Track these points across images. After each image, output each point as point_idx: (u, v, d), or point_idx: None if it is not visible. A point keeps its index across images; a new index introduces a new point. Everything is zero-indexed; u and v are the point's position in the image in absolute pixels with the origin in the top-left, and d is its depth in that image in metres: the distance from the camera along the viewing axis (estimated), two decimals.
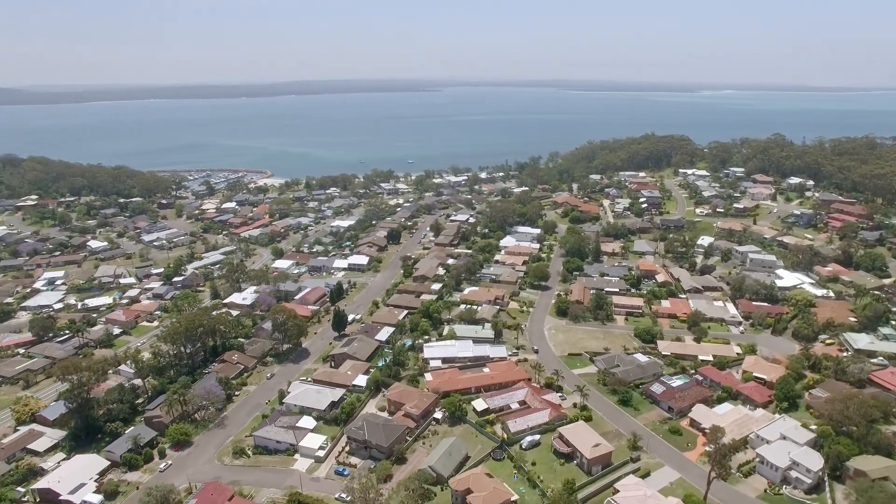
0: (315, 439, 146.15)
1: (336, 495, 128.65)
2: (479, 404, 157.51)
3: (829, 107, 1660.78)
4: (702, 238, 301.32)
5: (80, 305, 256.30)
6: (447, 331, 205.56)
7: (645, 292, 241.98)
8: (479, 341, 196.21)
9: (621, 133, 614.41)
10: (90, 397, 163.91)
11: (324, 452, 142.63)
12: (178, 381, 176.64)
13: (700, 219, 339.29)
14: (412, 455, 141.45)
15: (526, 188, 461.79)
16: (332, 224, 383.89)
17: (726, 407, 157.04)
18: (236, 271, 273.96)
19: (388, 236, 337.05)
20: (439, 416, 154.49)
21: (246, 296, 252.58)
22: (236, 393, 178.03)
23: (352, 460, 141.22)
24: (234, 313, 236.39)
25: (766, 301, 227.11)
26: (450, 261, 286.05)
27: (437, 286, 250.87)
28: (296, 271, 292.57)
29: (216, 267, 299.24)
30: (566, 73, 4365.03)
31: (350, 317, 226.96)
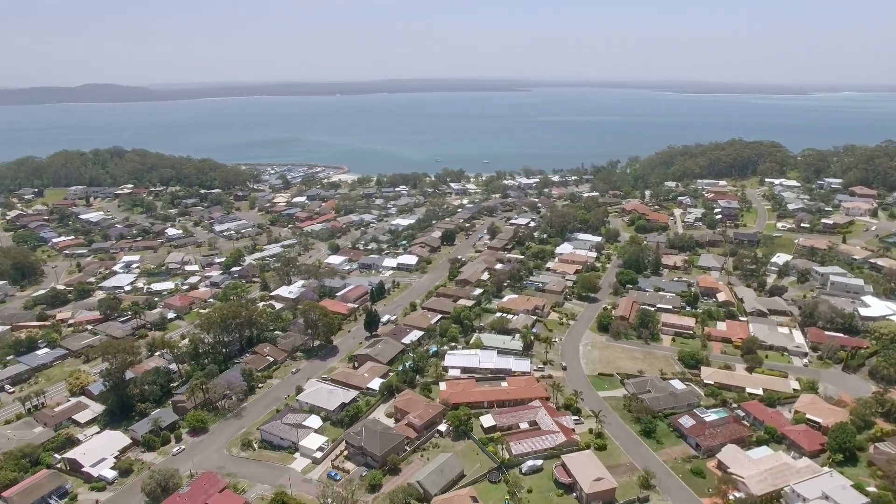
0: (316, 440, 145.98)
1: (321, 500, 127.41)
2: (486, 420, 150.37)
3: None
4: (777, 255, 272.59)
5: (145, 289, 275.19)
6: (474, 339, 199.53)
7: (700, 311, 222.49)
8: (505, 353, 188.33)
9: (708, 137, 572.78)
10: (126, 378, 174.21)
11: (322, 454, 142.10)
12: (206, 368, 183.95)
13: (780, 234, 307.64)
14: (407, 466, 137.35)
15: (596, 193, 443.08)
16: (392, 222, 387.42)
17: (764, 451, 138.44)
18: (288, 265, 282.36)
19: (443, 237, 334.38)
20: (443, 428, 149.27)
21: (293, 289, 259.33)
22: (259, 385, 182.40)
23: (347, 465, 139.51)
24: (278, 306, 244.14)
25: (842, 331, 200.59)
26: (498, 265, 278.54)
27: (478, 291, 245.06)
28: (346, 268, 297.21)
29: (273, 259, 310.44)
30: (667, 75, 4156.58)
31: (385, 317, 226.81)
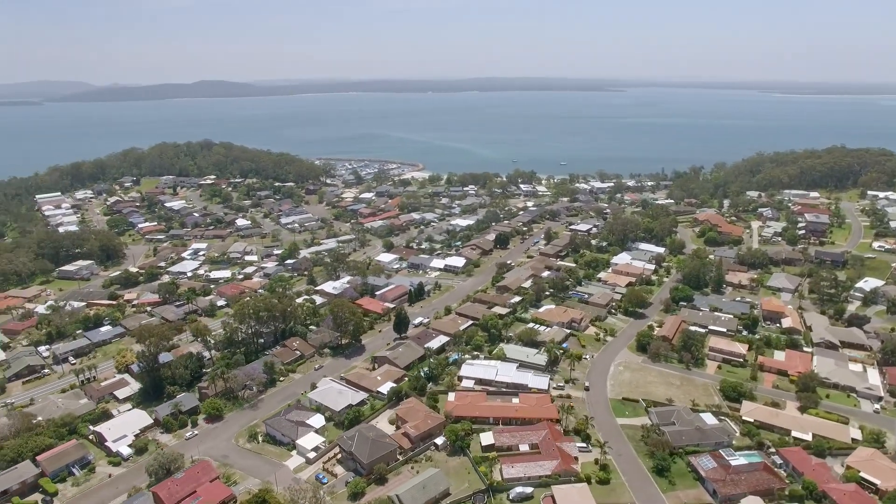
0: (313, 439, 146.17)
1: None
2: (486, 438, 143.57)
3: None
4: (865, 280, 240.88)
5: (205, 276, 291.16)
6: (497, 349, 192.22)
7: (757, 337, 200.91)
8: (526, 367, 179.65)
9: (805, 143, 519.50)
10: (161, 360, 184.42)
11: (315, 455, 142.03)
12: (234, 358, 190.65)
13: (874, 254, 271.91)
14: (395, 477, 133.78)
15: (671, 200, 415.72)
16: (452, 222, 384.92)
17: None
18: (337, 260, 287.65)
19: (497, 240, 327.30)
20: (440, 441, 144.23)
21: (337, 285, 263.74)
22: (281, 378, 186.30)
23: (337, 469, 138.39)
24: (319, 301, 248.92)
25: None
26: (545, 273, 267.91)
27: (516, 299, 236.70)
28: (395, 266, 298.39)
29: (327, 253, 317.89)
30: (776, 74, 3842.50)
31: (418, 320, 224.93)
